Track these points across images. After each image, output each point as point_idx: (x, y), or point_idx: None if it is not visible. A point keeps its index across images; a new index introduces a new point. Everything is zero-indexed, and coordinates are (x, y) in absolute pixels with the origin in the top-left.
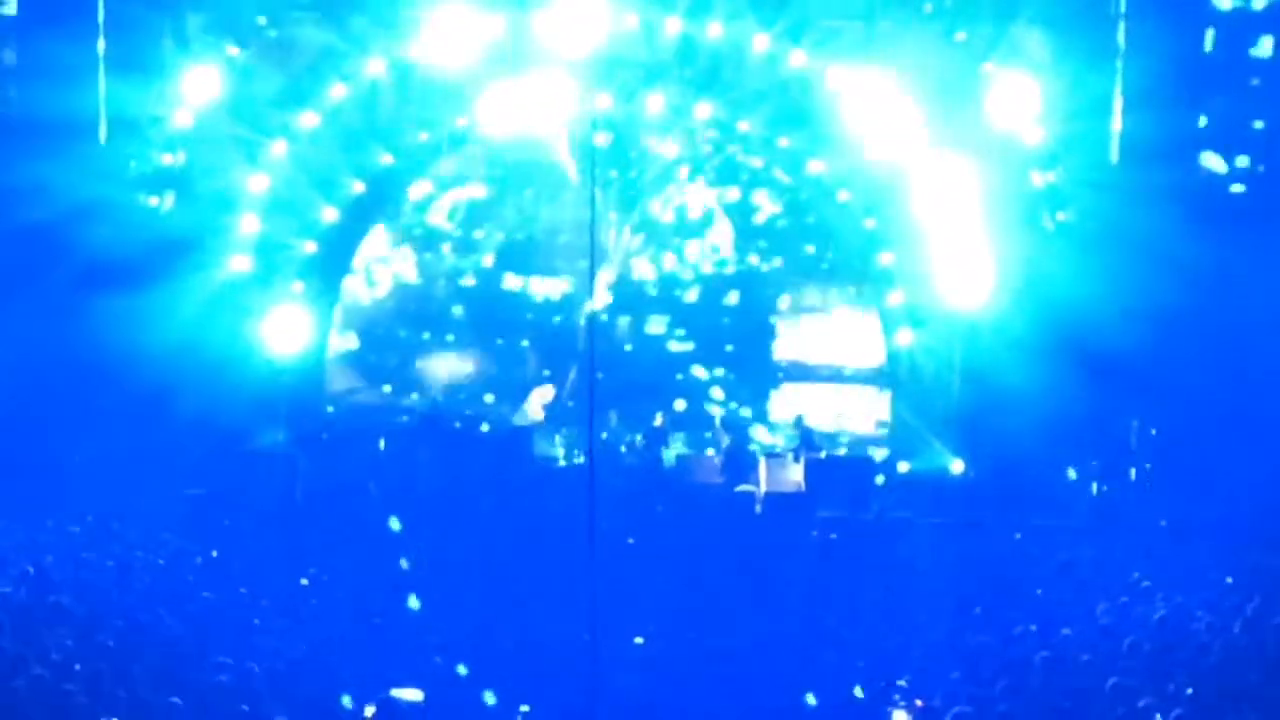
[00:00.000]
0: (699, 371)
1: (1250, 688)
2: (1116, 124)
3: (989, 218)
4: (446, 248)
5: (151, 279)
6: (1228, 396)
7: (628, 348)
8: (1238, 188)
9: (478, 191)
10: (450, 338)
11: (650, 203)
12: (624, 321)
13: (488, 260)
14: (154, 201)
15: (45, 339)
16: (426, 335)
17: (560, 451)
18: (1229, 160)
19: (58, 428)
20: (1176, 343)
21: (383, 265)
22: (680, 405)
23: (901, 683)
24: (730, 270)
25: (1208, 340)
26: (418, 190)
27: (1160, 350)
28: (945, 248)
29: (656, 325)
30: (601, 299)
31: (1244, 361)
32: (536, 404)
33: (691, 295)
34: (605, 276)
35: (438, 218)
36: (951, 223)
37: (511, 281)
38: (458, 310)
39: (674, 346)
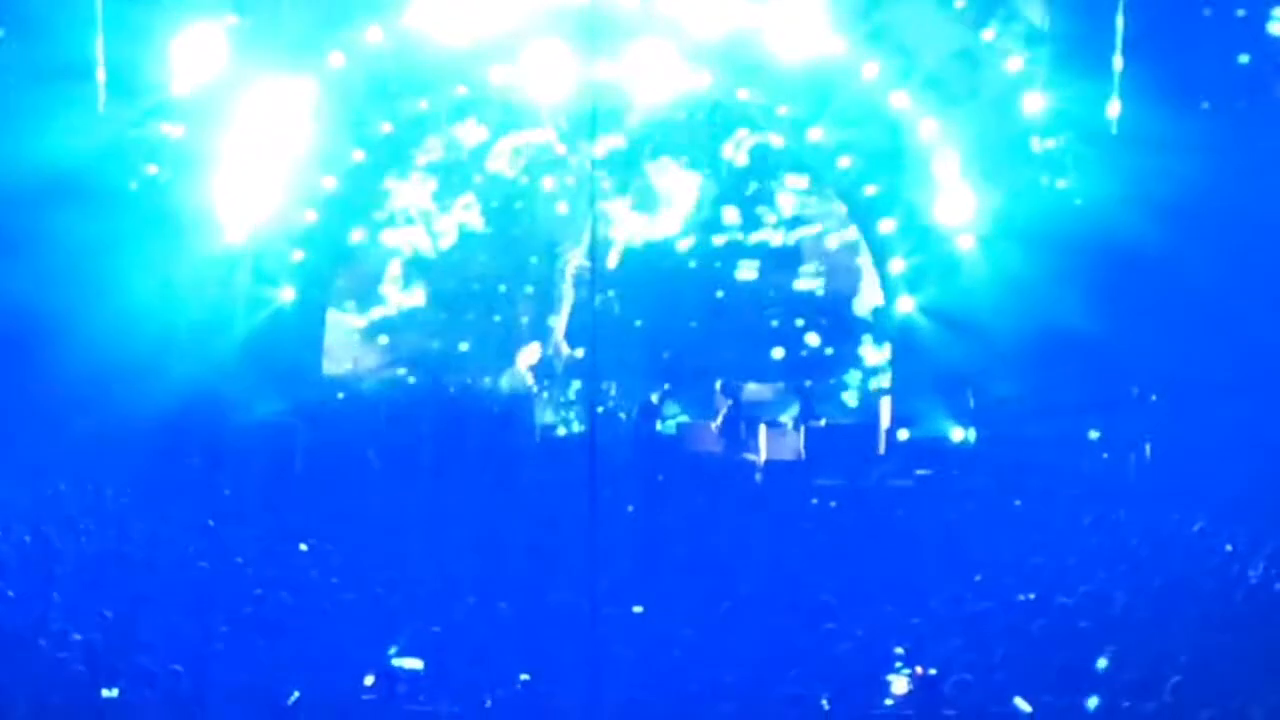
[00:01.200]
0: (699, 339)
1: (1252, 656)
2: (1117, 86)
3: (990, 181)
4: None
5: (150, 248)
6: (1232, 360)
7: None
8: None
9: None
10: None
11: (647, 165)
12: (613, 293)
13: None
14: (153, 170)
15: (45, 308)
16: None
17: (560, 420)
18: (1230, 123)
19: (56, 396)
20: (1179, 307)
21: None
22: (679, 375)
23: (900, 650)
24: (725, 240)
25: (1212, 303)
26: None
27: (1162, 316)
28: (947, 212)
29: (657, 291)
30: (597, 264)
31: (1249, 325)
32: (524, 365)
33: (691, 263)
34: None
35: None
36: (953, 187)
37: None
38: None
39: (671, 314)
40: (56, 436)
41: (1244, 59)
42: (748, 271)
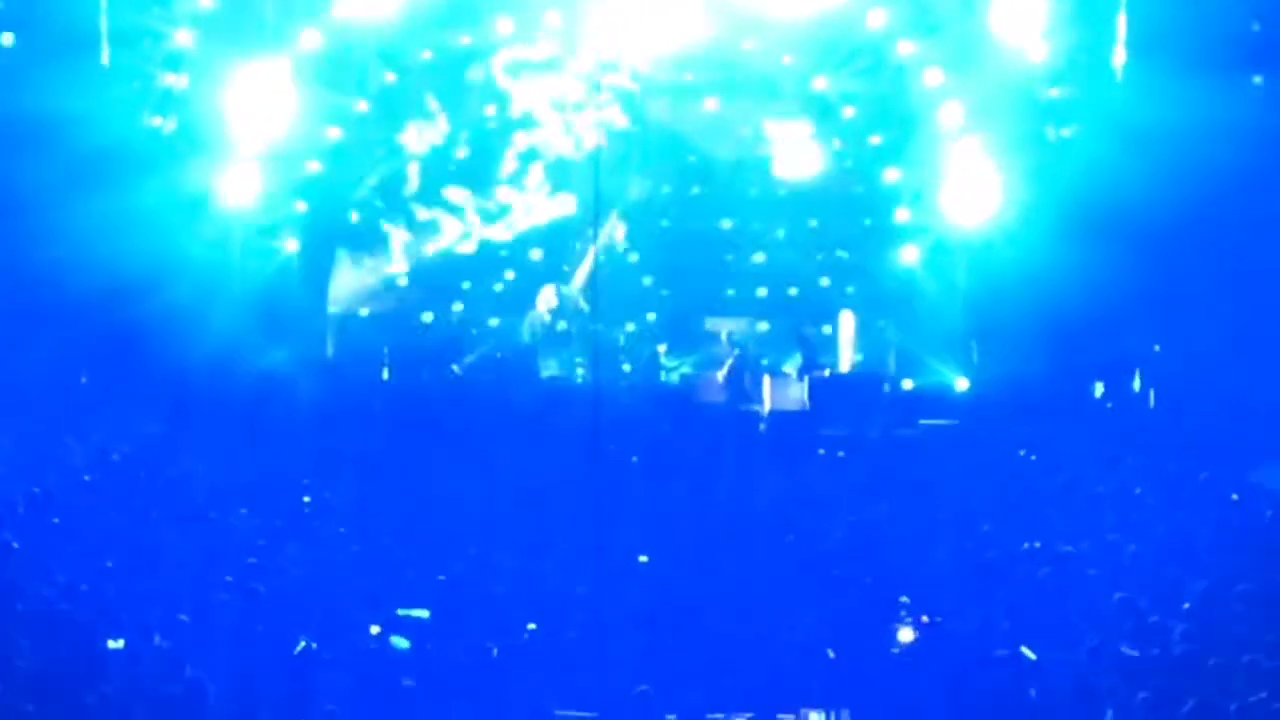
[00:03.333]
0: (705, 289)
1: (1260, 602)
2: (1121, 34)
3: (994, 133)
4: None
5: (153, 200)
6: (1236, 311)
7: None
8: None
9: None
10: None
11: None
12: (622, 234)
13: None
14: (156, 122)
15: (47, 262)
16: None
17: (565, 371)
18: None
19: (58, 350)
20: (1184, 258)
21: None
22: (684, 325)
23: (905, 599)
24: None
25: (1216, 255)
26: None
27: (1167, 266)
28: (951, 163)
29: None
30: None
31: (1254, 276)
32: (543, 307)
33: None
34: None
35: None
36: (957, 139)
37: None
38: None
39: (677, 264)
40: (60, 390)
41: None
42: (754, 221)
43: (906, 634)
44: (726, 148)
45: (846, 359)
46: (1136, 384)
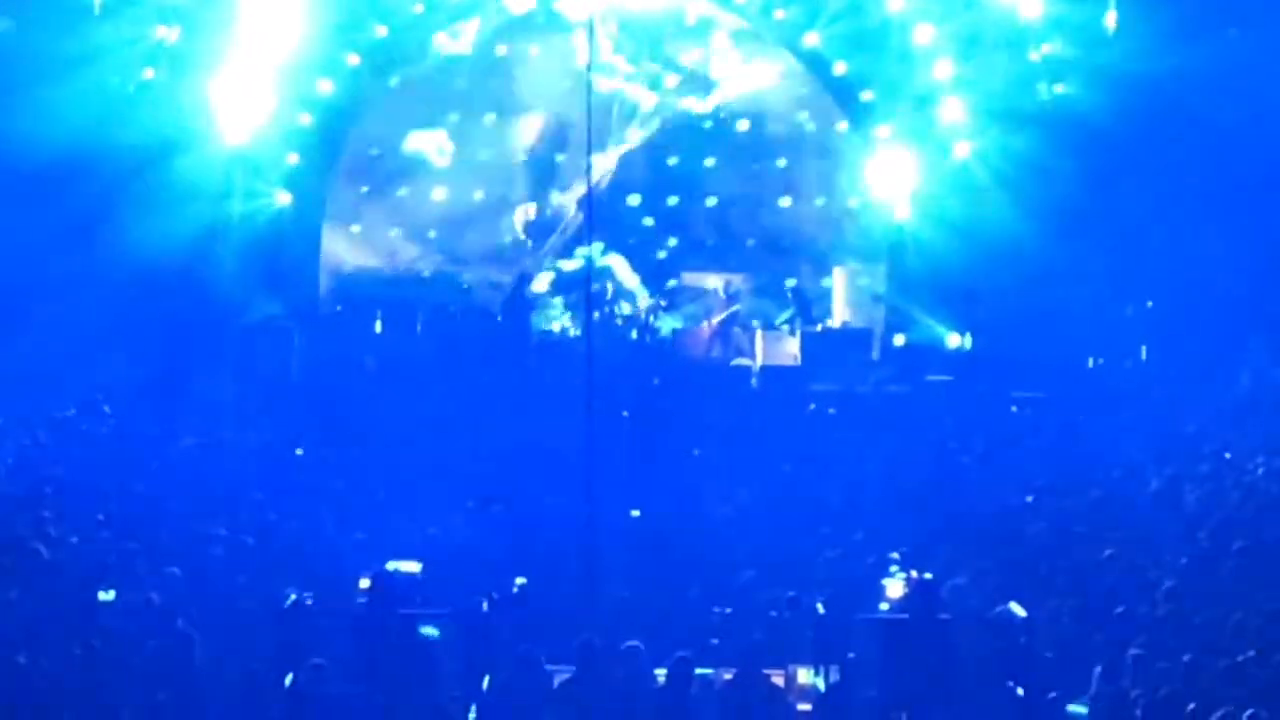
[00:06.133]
0: (695, 244)
1: (1247, 562)
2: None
3: (987, 91)
4: None
5: (145, 155)
6: (1228, 270)
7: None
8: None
9: None
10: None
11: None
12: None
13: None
14: (149, 74)
15: (40, 214)
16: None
17: (557, 325)
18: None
19: (52, 303)
20: (1179, 212)
21: None
22: (677, 278)
23: (896, 555)
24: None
25: (1209, 212)
26: None
27: (1162, 221)
28: (943, 117)
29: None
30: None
31: (1249, 231)
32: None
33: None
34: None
35: None
36: (950, 92)
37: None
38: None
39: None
40: (53, 342)
41: None
42: (744, 179)
43: (896, 589)
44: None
45: (839, 314)
46: (1129, 340)
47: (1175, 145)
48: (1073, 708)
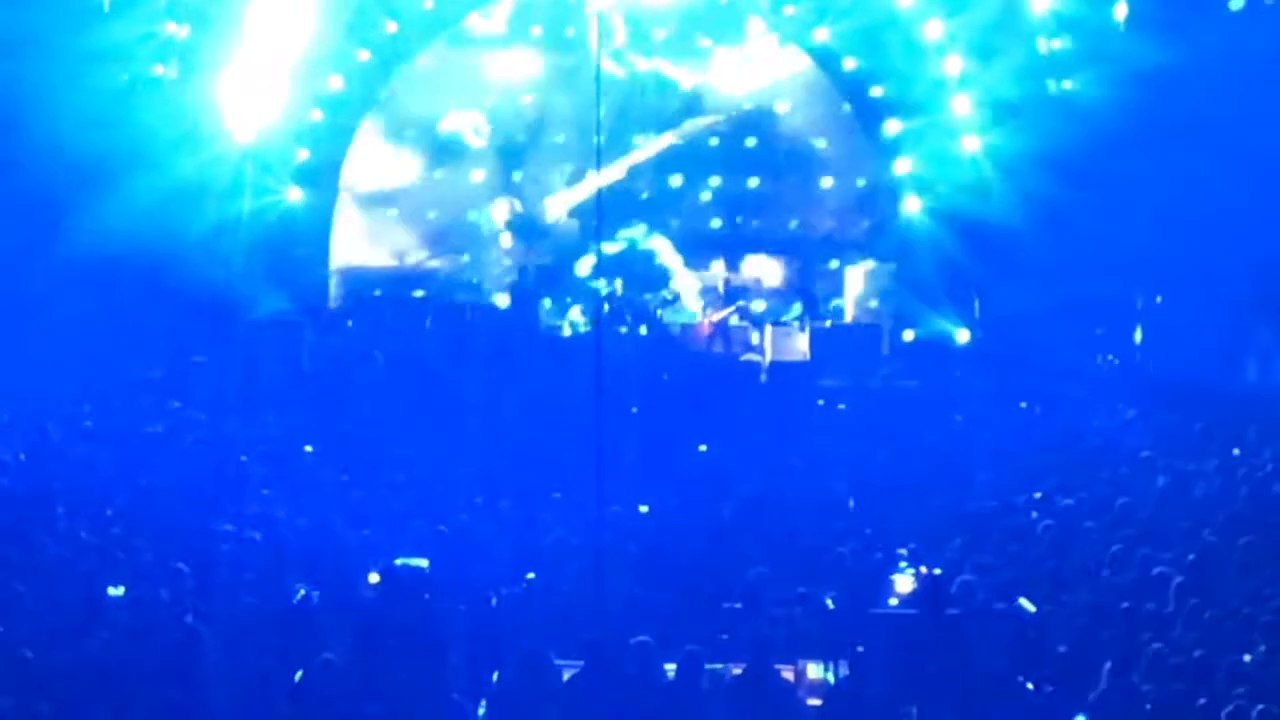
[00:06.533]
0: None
1: (1254, 558)
2: None
3: (996, 86)
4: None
5: (157, 148)
6: (1234, 264)
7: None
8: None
9: None
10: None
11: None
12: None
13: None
14: (159, 70)
15: (49, 209)
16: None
17: (566, 321)
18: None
19: (62, 296)
20: (1186, 208)
21: None
22: (686, 274)
23: (905, 550)
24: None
25: (1217, 204)
26: None
27: (1169, 218)
28: (953, 113)
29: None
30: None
31: (1252, 229)
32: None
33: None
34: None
35: None
36: (956, 91)
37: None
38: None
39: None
40: (63, 337)
41: None
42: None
43: (905, 584)
44: None
45: (849, 309)
46: (1138, 335)
47: (1185, 138)
48: None
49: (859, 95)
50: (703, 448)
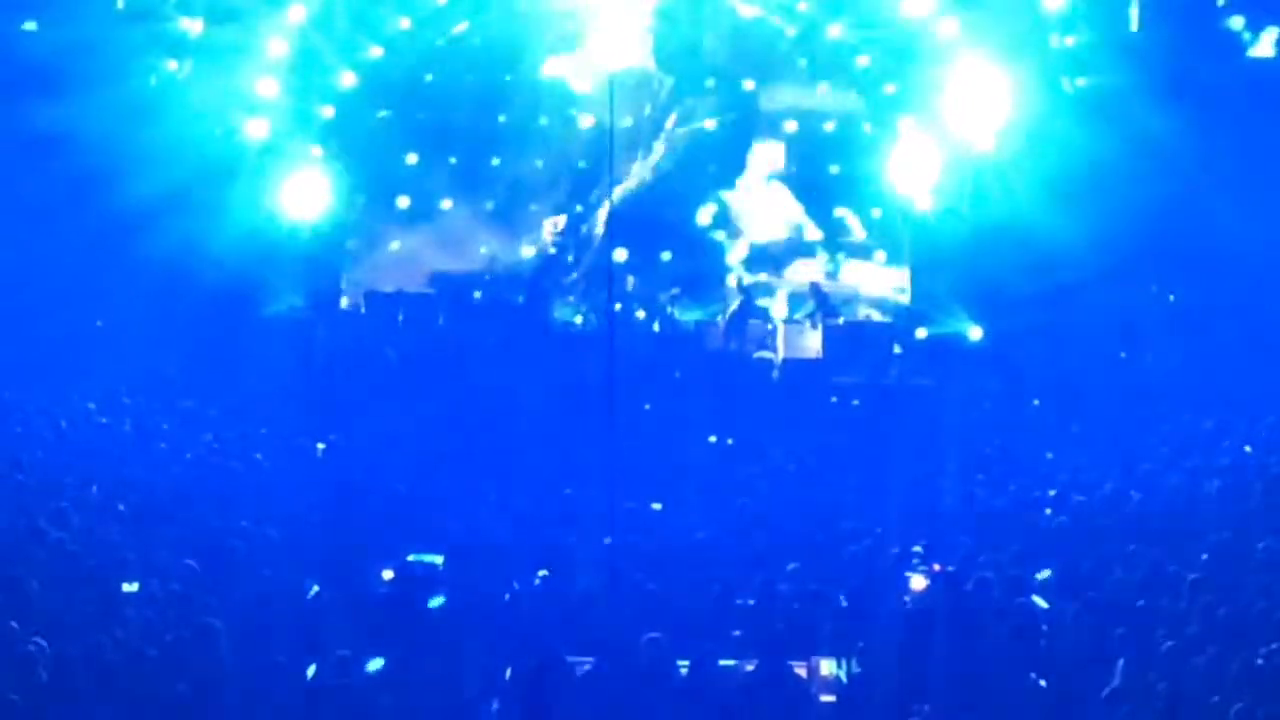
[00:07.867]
0: (719, 236)
1: (1269, 554)
2: None
3: (1009, 81)
4: None
5: (169, 144)
6: (1249, 262)
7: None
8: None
9: None
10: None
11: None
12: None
13: None
14: (172, 66)
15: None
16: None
17: (579, 318)
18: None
19: (75, 296)
20: (1201, 206)
21: None
22: (699, 272)
23: (918, 548)
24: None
25: (1229, 204)
26: None
27: (1184, 216)
28: (966, 110)
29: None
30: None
31: (1266, 226)
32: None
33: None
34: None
35: None
36: (972, 86)
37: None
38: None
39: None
40: (74, 333)
41: None
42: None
43: (918, 582)
44: None
45: (861, 307)
46: (1150, 333)
47: (1204, 137)
48: None
49: (871, 92)
50: (711, 438)
